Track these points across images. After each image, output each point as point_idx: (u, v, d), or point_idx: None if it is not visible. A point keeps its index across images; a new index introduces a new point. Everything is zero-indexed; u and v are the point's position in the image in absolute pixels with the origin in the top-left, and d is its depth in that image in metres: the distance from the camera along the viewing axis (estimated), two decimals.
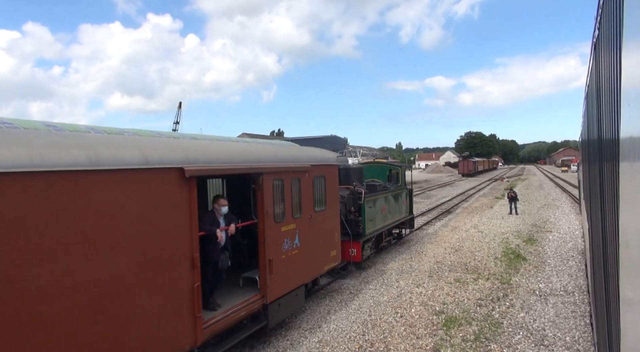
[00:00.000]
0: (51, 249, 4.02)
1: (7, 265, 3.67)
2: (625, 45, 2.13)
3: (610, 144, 3.02)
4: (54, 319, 4.02)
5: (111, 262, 4.58)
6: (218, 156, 6.33)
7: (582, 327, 8.05)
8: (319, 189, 9.12)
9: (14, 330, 3.70)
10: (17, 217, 3.75)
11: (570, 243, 15.55)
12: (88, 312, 4.32)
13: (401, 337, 7.87)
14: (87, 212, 4.34)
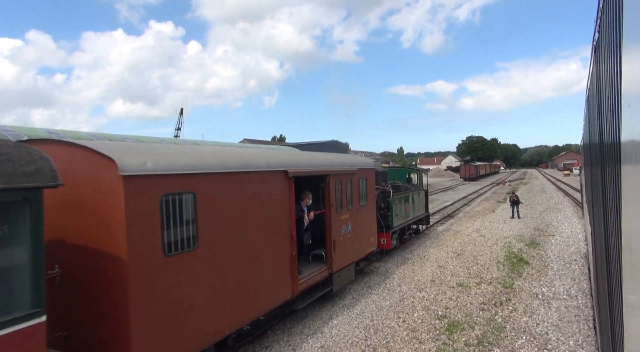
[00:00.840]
0: (225, 220, 6.27)
1: (211, 230, 5.97)
2: (625, 48, 2.14)
3: (612, 147, 3.02)
4: (231, 263, 6.39)
5: (252, 232, 6.91)
6: (305, 163, 8.83)
7: (585, 331, 8.00)
8: (362, 188, 11.29)
9: (216, 269, 6.12)
10: (213, 200, 6.05)
11: (573, 247, 15.49)
12: (244, 261, 6.70)
13: (404, 342, 7.83)
14: (242, 198, 6.68)
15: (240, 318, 6.63)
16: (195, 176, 5.80)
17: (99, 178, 4.87)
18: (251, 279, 6.86)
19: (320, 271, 9.23)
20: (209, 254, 5.96)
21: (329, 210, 9.50)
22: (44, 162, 3.91)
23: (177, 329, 5.41)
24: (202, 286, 5.84)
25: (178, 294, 5.44)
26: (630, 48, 1.98)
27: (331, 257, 9.55)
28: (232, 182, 6.50)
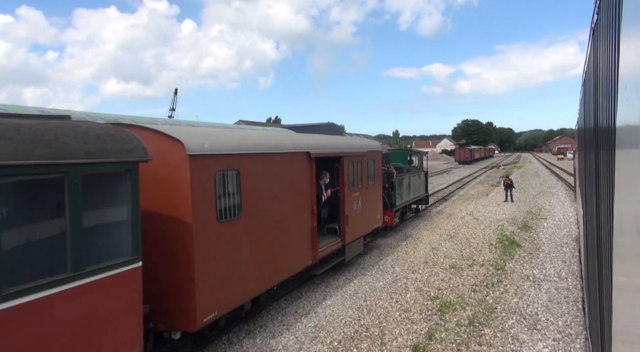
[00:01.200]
0: (261, 194, 7.34)
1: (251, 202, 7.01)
2: (624, 31, 2.12)
3: (607, 132, 3.03)
4: (265, 231, 7.50)
5: (282, 205, 8.02)
6: (324, 145, 9.90)
7: (574, 312, 8.16)
8: (371, 169, 12.36)
9: (254, 236, 7.18)
10: (253, 176, 7.09)
11: (564, 230, 15.68)
12: (276, 230, 7.81)
13: (396, 322, 7.96)
14: (273, 175, 7.75)
15: (272, 279, 7.84)
16: (240, 156, 6.90)
17: (170, 156, 5.78)
18: (281, 246, 8.04)
19: (335, 242, 10.37)
20: (249, 222, 7.07)
21: (343, 188, 10.57)
22: (138, 142, 4.95)
23: (226, 283, 6.50)
24: (244, 249, 6.97)
25: (227, 255, 6.54)
26: (629, 30, 1.96)
27: (344, 231, 10.62)
28: (266, 162, 7.62)
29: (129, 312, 4.82)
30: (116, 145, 4.67)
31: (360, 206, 11.48)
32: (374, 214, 12.66)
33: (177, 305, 5.87)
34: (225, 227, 6.48)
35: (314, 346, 7.12)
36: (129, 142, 4.84)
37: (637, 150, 1.72)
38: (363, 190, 11.70)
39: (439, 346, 6.99)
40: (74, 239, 4.22)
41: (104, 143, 4.57)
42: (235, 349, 7.11)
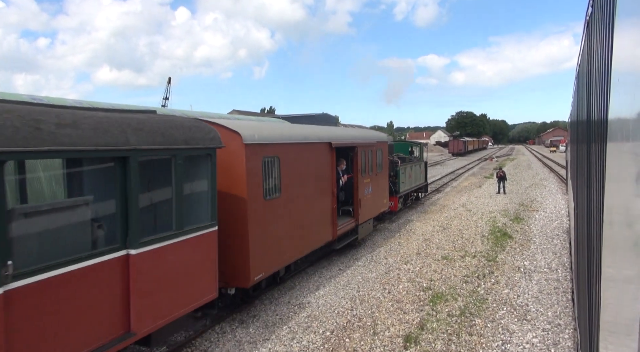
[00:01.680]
0: (295, 178, 8.64)
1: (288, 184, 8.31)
2: (617, 24, 2.12)
3: (599, 124, 3.04)
4: (297, 209, 8.81)
5: (309, 188, 9.38)
6: (342, 136, 11.46)
7: (563, 303, 8.27)
8: (379, 158, 13.77)
9: (289, 213, 8.51)
10: (289, 162, 8.38)
11: (555, 222, 15.84)
12: (305, 208, 9.13)
13: (388, 313, 8.03)
14: (304, 162, 9.09)
15: (302, 250, 9.26)
16: (279, 145, 8.25)
17: (230, 145, 6.91)
18: (308, 222, 9.39)
19: (349, 222, 11.65)
20: (286, 201, 8.42)
21: (357, 174, 11.91)
22: (215, 132, 6.43)
23: (270, 250, 7.92)
24: (282, 224, 8.33)
25: (270, 227, 7.90)
26: (623, 23, 1.96)
27: (357, 212, 11.95)
28: (298, 150, 8.97)
29: (209, 265, 6.34)
30: (202, 134, 6.13)
31: (370, 191, 12.86)
32: (381, 199, 14.12)
33: (234, 266, 7.18)
34: (269, 204, 7.88)
35: (307, 336, 7.17)
36: (210, 133, 6.31)
37: (628, 144, 1.73)
38: (373, 177, 13.06)
39: (430, 336, 7.07)
40: (178, 206, 5.66)
41: (194, 133, 5.99)
42: (228, 339, 7.14)
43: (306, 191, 9.24)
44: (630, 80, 1.68)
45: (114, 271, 4.85)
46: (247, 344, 6.94)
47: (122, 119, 5.09)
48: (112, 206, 5.03)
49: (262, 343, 6.97)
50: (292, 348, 6.79)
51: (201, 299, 6.24)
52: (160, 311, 5.49)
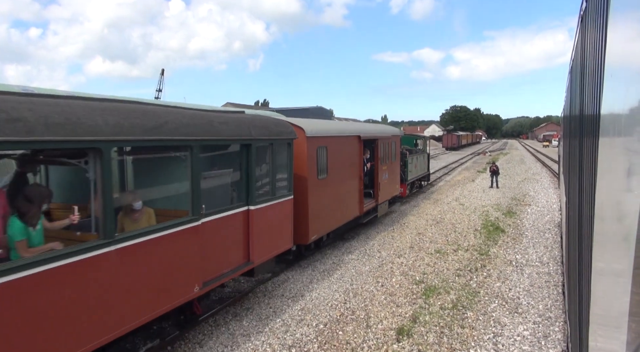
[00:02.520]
0: (336, 163, 10.86)
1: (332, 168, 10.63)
2: (611, 19, 2.12)
3: (592, 119, 3.06)
4: (337, 188, 11.03)
5: (345, 171, 11.55)
6: (367, 130, 13.88)
7: (554, 296, 8.36)
8: (393, 149, 16.04)
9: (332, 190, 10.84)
10: (333, 151, 10.77)
11: (547, 216, 15.96)
12: (341, 188, 11.30)
13: (381, 306, 8.08)
14: (342, 150, 11.35)
15: (339, 221, 11.65)
16: (327, 137, 10.75)
17: (297, 137, 9.08)
18: (344, 199, 11.76)
19: (371, 202, 13.99)
20: (330, 181, 10.83)
21: (377, 162, 14.21)
22: (291, 128, 8.84)
23: (320, 218, 10.37)
24: (327, 198, 10.70)
25: (320, 200, 10.32)
26: (617, 18, 1.97)
27: (377, 194, 14.32)
28: (339, 141, 11.40)
29: (288, 223, 8.89)
30: (285, 129, 8.64)
31: (387, 177, 15.17)
32: (394, 185, 16.41)
33: (298, 228, 9.40)
34: (320, 182, 10.35)
35: (300, 329, 7.20)
36: (289, 127, 8.86)
37: (620, 139, 1.74)
38: (389, 165, 15.39)
39: (422, 329, 7.12)
40: (272, 178, 8.17)
41: (281, 128, 8.52)
42: (221, 332, 7.16)
43: (343, 173, 11.67)
44: (623, 76, 1.68)
45: (242, 219, 7.35)
46: (241, 337, 6.96)
47: (245, 119, 7.65)
48: (240, 177, 7.55)
49: (255, 336, 6.99)
50: (285, 341, 6.82)
51: (284, 246, 8.79)
52: (264, 250, 7.96)
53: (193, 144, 6.00)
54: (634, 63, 1.45)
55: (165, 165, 6.48)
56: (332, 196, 10.86)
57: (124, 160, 6.58)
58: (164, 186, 6.59)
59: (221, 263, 6.82)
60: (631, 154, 1.49)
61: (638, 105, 1.35)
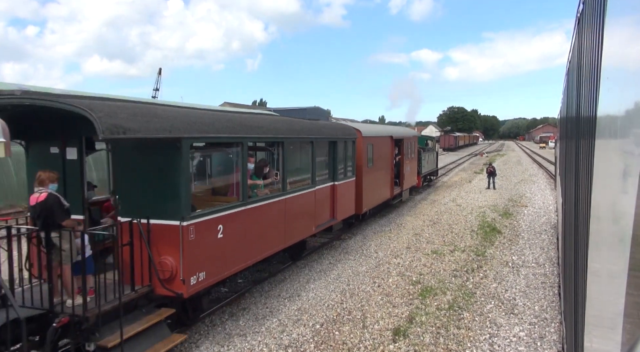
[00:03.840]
0: (377, 155, 15.03)
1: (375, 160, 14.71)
2: (608, 22, 2.14)
3: (588, 121, 3.07)
4: (377, 175, 15.01)
5: (382, 163, 15.56)
6: (397, 132, 18.23)
7: (550, 297, 8.39)
8: (412, 147, 20.10)
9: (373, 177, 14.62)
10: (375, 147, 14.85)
11: (544, 217, 16.01)
12: (380, 174, 15.33)
13: (378, 306, 8.08)
14: (380, 147, 15.38)
15: (377, 200, 15.37)
16: (373, 137, 14.57)
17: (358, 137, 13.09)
18: (381, 184, 15.50)
19: (397, 188, 17.68)
20: (373, 170, 14.37)
21: (402, 157, 18.14)
22: (354, 130, 13.06)
23: (368, 196, 13.91)
24: (372, 182, 14.20)
25: (369, 183, 13.87)
26: (613, 21, 1.98)
27: (402, 183, 18.15)
28: (379, 140, 15.34)
29: (353, 196, 12.72)
30: (351, 131, 12.64)
31: (409, 170, 19.32)
32: (413, 176, 20.42)
33: (355, 202, 13.03)
34: (369, 169, 14.03)
35: (297, 329, 7.20)
36: (351, 129, 12.89)
37: (616, 140, 1.75)
38: (410, 160, 19.43)
39: (419, 329, 7.13)
40: (344, 165, 12.04)
41: (349, 130, 12.65)
42: (218, 331, 7.15)
43: (381, 165, 15.44)
44: (620, 78, 1.69)
45: (330, 190, 11.32)
46: (237, 337, 6.95)
47: (333, 125, 12.60)
48: (330, 162, 11.39)
49: (252, 336, 6.98)
50: (282, 341, 6.81)
51: (350, 212, 12.75)
52: (341, 212, 11.92)
53: (314, 140, 10.35)
54: (630, 65, 1.46)
55: (306, 152, 10.42)
56: (375, 181, 14.67)
57: (276, 151, 9.46)
58: (300, 166, 10.60)
59: (322, 216, 10.89)
60: (627, 156, 1.50)
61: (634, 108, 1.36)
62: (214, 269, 6.75)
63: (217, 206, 7.03)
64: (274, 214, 8.57)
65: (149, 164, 6.25)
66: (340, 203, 11.63)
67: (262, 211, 8.12)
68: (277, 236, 8.70)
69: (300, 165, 10.50)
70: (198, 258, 6.35)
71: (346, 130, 12.42)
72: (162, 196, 6.16)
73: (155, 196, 6.20)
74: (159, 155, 6.19)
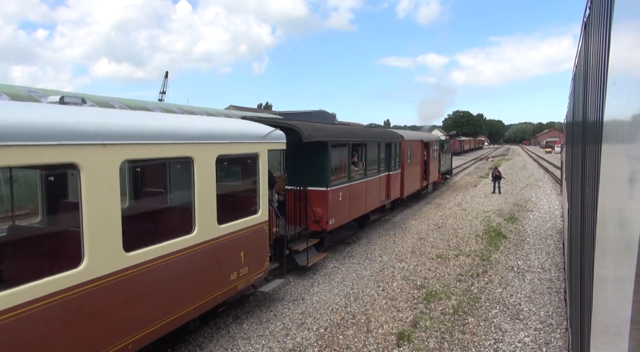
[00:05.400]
0: (413, 155, 19.12)
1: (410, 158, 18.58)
2: (614, 26, 2.13)
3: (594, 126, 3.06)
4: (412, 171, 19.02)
5: (416, 160, 19.73)
6: (426, 137, 22.99)
7: (556, 303, 8.33)
8: (435, 149, 23.88)
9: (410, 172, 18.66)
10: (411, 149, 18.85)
11: (549, 222, 15.91)
12: (414, 168, 19.50)
13: (382, 310, 8.05)
14: (414, 148, 19.40)
15: (412, 190, 19.23)
16: (411, 140, 18.66)
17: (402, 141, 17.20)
18: (414, 177, 19.16)
19: (425, 182, 21.65)
20: (411, 165, 18.35)
21: (429, 157, 22.04)
22: (399, 135, 17.22)
23: (407, 185, 17.88)
24: (410, 175, 18.29)
25: (408, 175, 17.91)
26: (620, 26, 1.97)
27: (428, 177, 22.25)
28: (414, 143, 19.14)
29: (400, 184, 17.03)
30: (398, 136, 16.82)
31: (432, 167, 23.25)
32: (435, 173, 24.38)
33: (398, 189, 16.75)
34: (408, 165, 17.77)
35: (301, 332, 7.19)
36: (398, 135, 17.06)
37: (623, 146, 1.74)
38: (433, 159, 23.42)
39: (423, 334, 7.10)
40: (393, 160, 16.04)
41: (396, 135, 16.81)
42: (222, 334, 7.15)
43: (415, 161, 19.37)
44: (626, 83, 1.69)
45: (386, 178, 15.34)
46: (241, 340, 6.94)
47: (389, 132, 17.39)
48: (386, 157, 15.47)
49: (255, 339, 6.97)
50: (285, 344, 6.80)
51: (397, 195, 16.45)
52: (393, 194, 16.06)
53: (379, 142, 14.66)
54: (637, 70, 1.46)
55: (371, 149, 14.09)
56: (411, 174, 18.54)
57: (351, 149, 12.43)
58: (375, 158, 14.58)
59: (382, 195, 15.09)
60: (634, 161, 1.49)
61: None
62: (338, 218, 11.50)
63: (339, 181, 11.55)
64: (361, 189, 13.02)
65: (310, 156, 10.26)
66: (392, 188, 16.03)
67: (356, 186, 12.64)
68: (361, 204, 13.13)
69: (373, 159, 14.35)
70: (333, 210, 11.06)
71: (396, 135, 16.75)
72: (316, 174, 10.62)
73: (312, 174, 10.46)
74: (315, 151, 10.51)
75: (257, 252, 7.41)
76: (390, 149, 15.63)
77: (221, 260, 6.41)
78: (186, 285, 5.74)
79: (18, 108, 4.31)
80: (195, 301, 5.94)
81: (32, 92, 14.92)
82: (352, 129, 14.23)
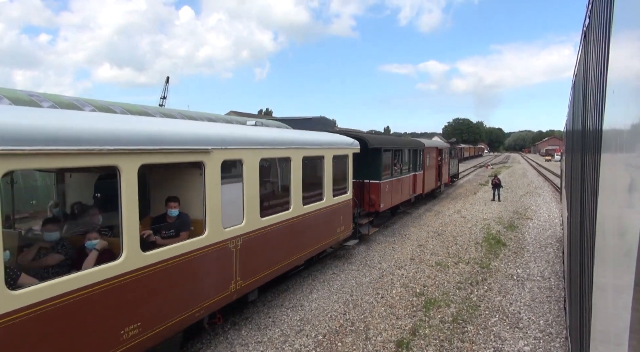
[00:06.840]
0: (430, 159, 22.77)
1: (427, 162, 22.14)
2: (614, 35, 2.14)
3: (594, 135, 3.06)
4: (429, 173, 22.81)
5: (431, 163, 23.13)
6: (439, 144, 26.86)
7: (555, 312, 8.29)
8: (447, 154, 27.84)
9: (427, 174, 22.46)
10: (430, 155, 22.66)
11: (549, 231, 15.89)
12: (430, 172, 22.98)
13: (381, 318, 8.02)
14: (431, 154, 22.85)
15: (428, 188, 22.18)
16: (429, 147, 22.13)
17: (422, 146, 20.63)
18: (431, 178, 22.67)
19: (438, 183, 24.51)
20: (428, 168, 21.69)
21: (441, 162, 24.98)
22: (422, 143, 21.07)
23: (427, 184, 21.80)
24: (428, 176, 21.73)
25: (426, 176, 21.41)
26: (619, 35, 1.98)
27: (441, 178, 25.33)
28: (432, 149, 22.89)
29: (421, 182, 20.45)
30: (421, 144, 20.67)
31: (444, 170, 26.29)
32: (446, 175, 27.61)
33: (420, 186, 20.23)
34: (427, 167, 21.38)
35: (299, 339, 7.15)
36: (421, 142, 21.06)
37: (622, 154, 1.75)
38: (444, 163, 26.38)
39: (422, 342, 7.06)
40: (417, 162, 19.57)
41: (420, 143, 20.71)
42: (220, 340, 7.11)
43: (432, 164, 22.34)
44: (626, 92, 1.69)
45: (413, 178, 19.08)
46: (239, 346, 6.91)
47: (415, 140, 21.79)
48: (412, 159, 18.92)
49: (254, 345, 6.94)
50: (284, 351, 6.76)
51: (420, 191, 20.22)
52: (418, 190, 19.93)
53: (410, 148, 18.41)
54: (636, 79, 1.46)
55: (404, 153, 17.37)
56: (429, 175, 21.83)
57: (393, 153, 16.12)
58: (407, 161, 17.82)
59: (411, 190, 18.54)
60: (633, 170, 1.49)
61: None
62: (386, 203, 14.96)
63: (387, 176, 14.96)
64: (399, 183, 16.54)
65: (369, 157, 13.64)
66: (417, 185, 19.44)
67: (396, 181, 16.14)
68: (398, 195, 16.47)
69: (405, 161, 17.64)
70: (384, 197, 14.56)
71: (420, 143, 20.34)
72: (372, 170, 14.11)
73: (370, 170, 14.02)
74: (373, 154, 13.81)
75: (348, 217, 11.44)
76: (416, 154, 19.35)
77: (334, 219, 10.53)
78: (321, 229, 9.95)
79: None
80: (324, 241, 10.17)
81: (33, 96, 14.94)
82: (393, 138, 20.77)
